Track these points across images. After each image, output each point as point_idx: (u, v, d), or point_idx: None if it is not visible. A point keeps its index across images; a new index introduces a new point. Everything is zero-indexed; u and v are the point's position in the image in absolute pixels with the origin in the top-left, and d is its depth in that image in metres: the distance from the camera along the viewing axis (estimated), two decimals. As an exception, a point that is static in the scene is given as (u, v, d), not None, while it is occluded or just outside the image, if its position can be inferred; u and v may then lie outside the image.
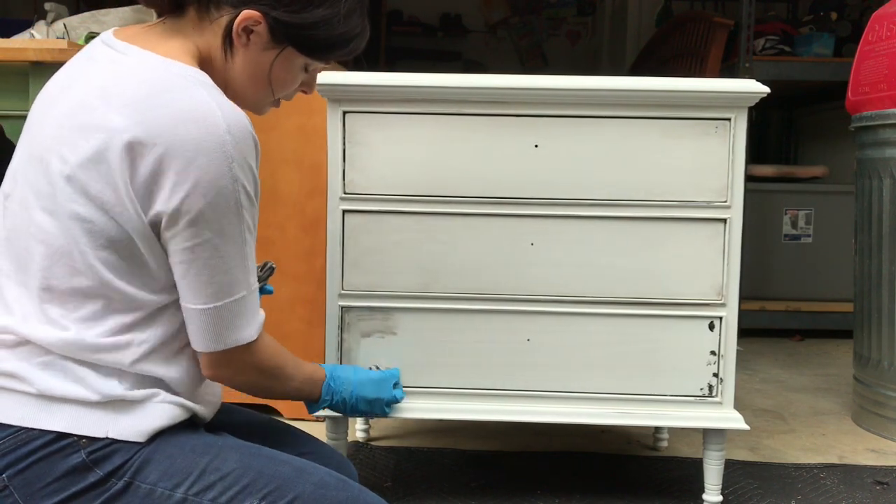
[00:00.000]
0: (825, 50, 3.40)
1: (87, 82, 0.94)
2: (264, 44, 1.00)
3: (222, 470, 0.92)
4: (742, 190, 1.48)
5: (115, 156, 0.88)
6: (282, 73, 1.03)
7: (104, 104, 0.90)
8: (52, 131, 0.93)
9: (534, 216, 1.49)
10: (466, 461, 1.85)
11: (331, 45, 1.03)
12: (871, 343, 2.16)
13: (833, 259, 3.37)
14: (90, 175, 0.89)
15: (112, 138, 0.88)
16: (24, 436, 0.88)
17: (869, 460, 1.94)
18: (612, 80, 1.47)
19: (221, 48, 0.99)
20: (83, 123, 0.90)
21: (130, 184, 0.88)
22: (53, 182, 0.90)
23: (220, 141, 0.89)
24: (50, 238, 0.91)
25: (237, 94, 1.04)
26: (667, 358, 1.50)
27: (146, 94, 0.90)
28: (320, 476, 0.96)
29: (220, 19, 0.98)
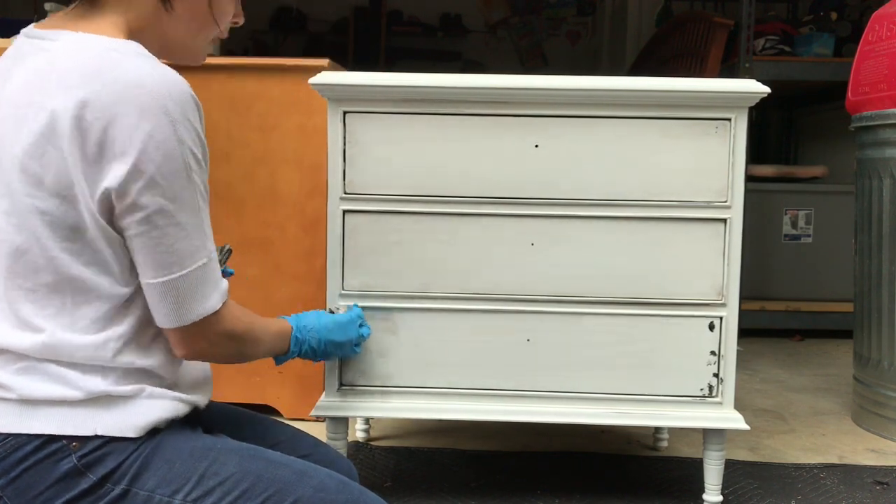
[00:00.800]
0: (825, 50, 3.40)
1: (20, 74, 0.92)
2: None
3: (221, 475, 0.91)
4: (742, 190, 1.48)
5: (62, 136, 0.86)
6: (219, 5, 1.03)
7: (42, 89, 0.88)
8: None
9: (534, 216, 1.49)
10: (466, 461, 1.85)
11: None
12: (871, 343, 2.16)
13: (833, 259, 3.37)
14: (41, 162, 0.87)
15: (56, 119, 0.86)
16: (12, 443, 0.86)
17: (869, 460, 1.94)
18: (612, 80, 1.47)
19: (155, 7, 0.97)
20: (24, 114, 0.88)
21: (81, 163, 0.86)
22: (5, 179, 0.89)
23: (161, 104, 0.87)
24: (9, 237, 0.89)
25: (177, 44, 1.02)
26: (667, 358, 1.50)
27: (83, 71, 0.88)
28: (320, 479, 0.95)
29: None
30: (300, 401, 2.04)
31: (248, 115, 1.99)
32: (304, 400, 2.01)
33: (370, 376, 1.52)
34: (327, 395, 1.52)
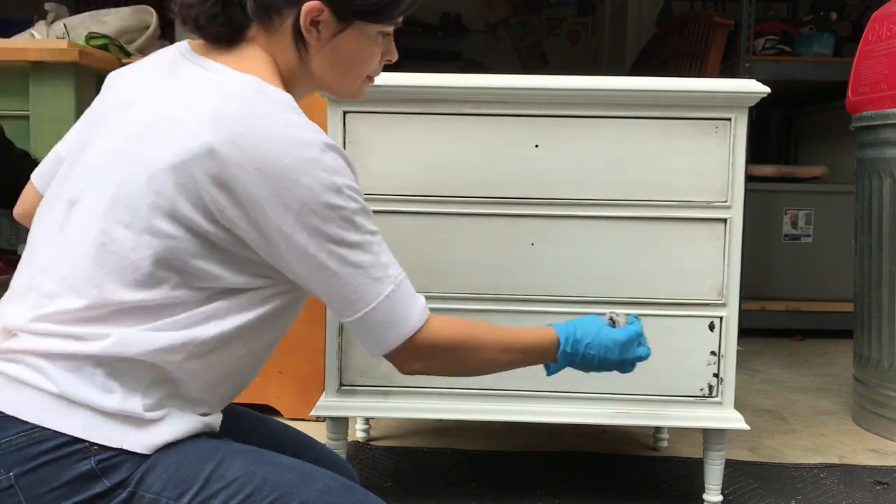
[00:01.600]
0: (825, 50, 3.40)
1: (177, 92, 0.94)
2: (333, 29, 1.00)
3: (226, 477, 0.91)
4: (742, 190, 1.48)
5: (220, 172, 0.89)
6: (360, 50, 1.04)
7: (195, 121, 0.90)
8: (134, 143, 0.93)
9: (534, 216, 1.49)
10: (466, 461, 1.85)
11: (390, 5, 1.03)
12: (871, 343, 2.16)
13: (833, 259, 3.37)
14: (178, 193, 0.89)
15: (202, 158, 0.89)
16: (37, 435, 0.87)
17: (869, 460, 1.94)
18: (612, 80, 1.47)
19: (294, 49, 1.00)
20: (171, 138, 0.90)
21: (234, 207, 0.89)
22: (135, 195, 0.90)
23: (318, 159, 0.91)
24: (122, 250, 0.90)
25: (327, 86, 1.06)
26: (667, 358, 1.50)
27: (239, 114, 0.90)
28: (325, 482, 0.95)
29: (284, 24, 0.99)
30: (300, 401, 2.04)
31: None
32: (304, 400, 2.01)
33: (370, 376, 1.52)
34: (327, 395, 1.52)
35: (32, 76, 1.71)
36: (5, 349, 0.91)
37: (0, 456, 0.86)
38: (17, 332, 0.91)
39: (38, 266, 0.94)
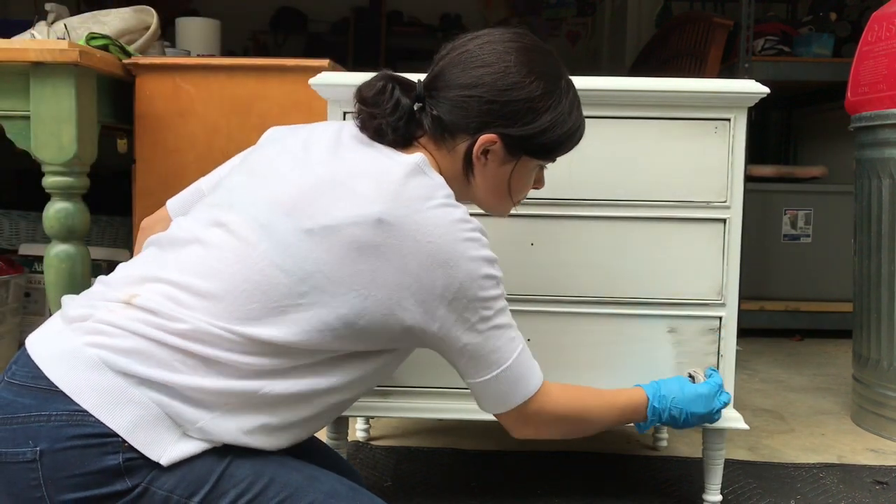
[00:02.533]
0: (824, 50, 3.40)
1: (352, 165, 1.02)
2: (501, 159, 1.10)
3: (236, 477, 0.92)
4: (742, 190, 1.48)
5: (374, 248, 0.96)
6: (520, 180, 1.14)
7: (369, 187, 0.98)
8: (306, 187, 0.99)
9: (534, 216, 1.49)
10: (466, 461, 1.85)
11: (560, 143, 1.13)
12: (870, 343, 2.16)
13: (832, 259, 3.37)
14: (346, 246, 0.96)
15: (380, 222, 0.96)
16: (79, 418, 0.87)
17: (868, 460, 1.94)
18: (612, 80, 1.47)
19: (462, 170, 1.10)
20: (347, 200, 0.97)
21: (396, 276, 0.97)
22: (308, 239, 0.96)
23: (476, 248, 1.01)
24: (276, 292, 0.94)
25: (479, 202, 1.16)
26: (667, 358, 1.50)
27: (418, 196, 0.99)
28: (331, 484, 0.96)
29: (456, 146, 1.08)
30: (300, 401, 2.04)
31: (248, 116, 1.99)
32: (305, 400, 2.01)
33: (370, 376, 1.52)
34: (327, 394, 1.52)
35: (32, 76, 1.71)
36: (112, 319, 0.92)
37: (34, 427, 0.86)
38: (144, 307, 0.92)
39: (175, 272, 0.96)
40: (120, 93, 1.97)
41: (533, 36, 1.13)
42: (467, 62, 1.08)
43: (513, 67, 1.07)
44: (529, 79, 1.07)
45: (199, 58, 2.40)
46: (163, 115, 1.97)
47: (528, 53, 1.09)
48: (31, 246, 2.56)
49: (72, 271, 1.77)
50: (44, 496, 0.86)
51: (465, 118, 1.07)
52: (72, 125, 1.72)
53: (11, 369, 0.91)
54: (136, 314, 0.92)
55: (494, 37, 1.10)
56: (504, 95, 1.06)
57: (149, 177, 1.98)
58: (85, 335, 0.91)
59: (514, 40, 1.10)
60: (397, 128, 1.06)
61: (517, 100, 1.07)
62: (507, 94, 1.06)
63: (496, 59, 1.07)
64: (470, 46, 1.09)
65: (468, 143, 1.08)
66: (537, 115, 1.08)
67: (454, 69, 1.08)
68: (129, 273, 0.98)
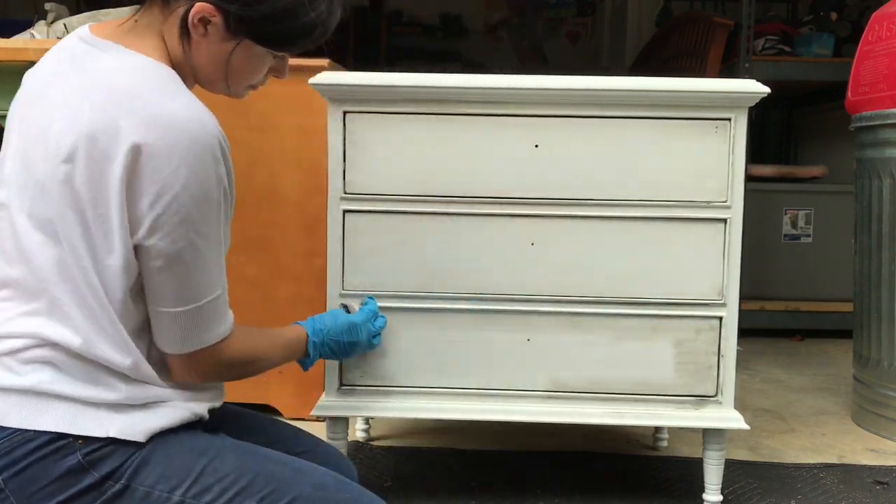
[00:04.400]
0: (825, 50, 3.40)
1: (71, 81, 0.93)
2: (221, 35, 0.97)
3: (220, 471, 0.91)
4: (742, 190, 1.48)
5: (105, 154, 0.88)
6: (243, 64, 1.01)
7: (89, 103, 0.89)
8: (36, 131, 0.92)
9: (534, 216, 1.49)
10: (466, 461, 1.85)
11: (291, 36, 1.00)
12: (870, 343, 2.16)
13: (833, 259, 3.37)
14: (82, 170, 0.88)
15: (99, 136, 0.88)
16: (19, 437, 0.87)
17: (869, 460, 1.94)
18: (612, 80, 1.47)
19: (178, 39, 0.96)
20: (69, 125, 0.89)
21: (119, 184, 0.88)
22: (47, 191, 0.90)
23: (207, 144, 0.90)
24: (48, 246, 0.90)
25: (205, 81, 1.03)
26: (666, 358, 1.50)
27: (133, 93, 0.90)
28: (319, 477, 0.95)
29: (177, 10, 0.95)
30: (300, 401, 2.04)
31: (247, 115, 1.99)
32: (304, 400, 2.01)
33: (370, 376, 1.52)
34: (327, 395, 1.52)
35: (32, 76, 1.71)
36: None
37: None
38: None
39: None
40: (120, 93, 1.96)
41: None
42: None
43: None
44: None
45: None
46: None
47: None
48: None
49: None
50: None
51: None
52: (71, 125, 1.72)
53: None
54: None
55: None
56: None
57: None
58: None
59: None
60: None
61: None
62: None
63: None
64: None
65: (185, 7, 0.94)
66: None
67: None
68: None
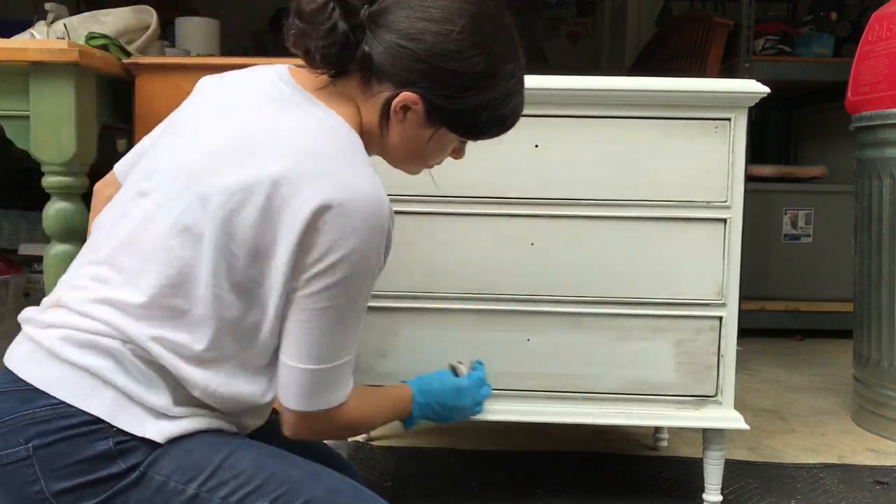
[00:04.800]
0: (825, 50, 3.40)
1: (268, 119, 0.96)
2: (420, 122, 1.01)
3: (236, 468, 0.91)
4: (742, 190, 1.48)
5: (282, 205, 0.90)
6: (434, 149, 1.07)
7: (284, 149, 0.92)
8: (213, 147, 0.95)
9: (534, 216, 1.49)
10: (466, 461, 1.85)
11: (488, 126, 1.06)
12: (870, 343, 2.16)
13: (833, 259, 3.37)
14: (250, 213, 0.91)
15: (278, 184, 0.90)
16: (62, 410, 0.88)
17: (869, 460, 1.94)
18: (612, 80, 1.47)
19: (378, 121, 1.01)
20: (250, 157, 0.92)
21: (289, 238, 0.91)
22: (208, 208, 0.92)
23: (381, 218, 0.93)
24: (184, 257, 0.92)
25: (393, 159, 1.08)
26: (666, 358, 1.50)
27: (329, 155, 0.93)
28: (332, 481, 0.96)
29: (380, 94, 1.00)
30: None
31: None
32: (305, 400, 2.01)
33: (370, 376, 1.52)
34: (327, 395, 1.52)
35: (32, 76, 1.71)
36: (51, 320, 0.92)
37: (22, 427, 0.87)
38: (68, 306, 0.93)
39: (106, 250, 0.96)
40: (120, 93, 1.96)
41: (499, 4, 1.03)
42: (415, 9, 0.97)
43: (458, 34, 0.97)
44: (473, 52, 0.98)
45: (199, 58, 2.39)
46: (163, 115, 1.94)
47: (481, 22, 0.99)
48: (31, 246, 2.56)
49: (71, 271, 1.77)
50: (42, 489, 0.87)
51: (394, 67, 0.97)
52: (71, 125, 1.72)
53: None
54: (69, 313, 0.93)
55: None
56: (439, 60, 0.96)
57: (149, 177, 1.97)
58: (43, 332, 0.92)
59: (473, 3, 1.00)
60: (327, 55, 0.98)
61: (451, 70, 0.97)
62: (443, 61, 0.97)
63: (444, 18, 0.97)
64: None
65: (390, 94, 0.98)
66: (468, 91, 0.99)
67: (400, 11, 0.97)
68: (74, 265, 1.00)
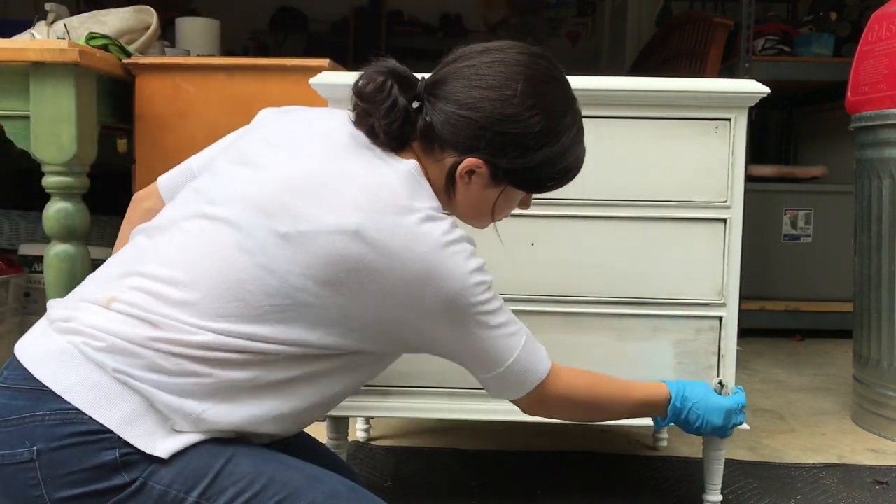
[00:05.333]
0: (825, 50, 3.40)
1: (347, 165, 0.98)
2: (486, 183, 1.06)
3: (235, 475, 0.91)
4: (742, 190, 1.48)
5: (356, 262, 0.93)
6: (502, 206, 1.11)
7: (364, 199, 0.95)
8: (289, 184, 0.96)
9: (534, 216, 1.49)
10: (466, 461, 1.85)
11: (552, 180, 1.10)
12: (870, 343, 2.16)
13: (833, 259, 3.37)
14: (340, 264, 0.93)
15: (354, 243, 0.93)
16: (73, 416, 0.87)
17: (868, 460, 1.94)
18: (612, 80, 1.47)
19: (444, 185, 1.06)
20: (330, 204, 0.94)
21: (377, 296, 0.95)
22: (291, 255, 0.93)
23: (462, 259, 0.98)
24: (254, 284, 0.93)
25: (460, 215, 1.13)
26: (666, 358, 1.50)
27: (402, 209, 0.95)
28: (332, 485, 0.96)
29: (443, 158, 1.04)
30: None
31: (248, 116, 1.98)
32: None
33: (370, 376, 1.51)
34: (327, 395, 1.52)
35: (32, 76, 1.71)
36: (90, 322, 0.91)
37: (29, 428, 0.87)
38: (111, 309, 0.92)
39: (155, 263, 0.95)
40: (120, 93, 1.97)
41: (550, 60, 1.07)
42: (471, 78, 1.02)
43: (516, 98, 1.01)
44: (531, 112, 1.02)
45: (199, 58, 2.39)
46: (163, 115, 1.97)
47: (536, 84, 1.03)
48: (31, 246, 2.56)
49: (72, 271, 1.77)
50: (42, 494, 0.87)
51: (455, 136, 1.02)
52: (71, 125, 1.72)
53: (3, 374, 0.92)
54: (115, 317, 0.92)
55: (507, 55, 1.04)
56: (499, 126, 1.01)
57: (149, 177, 1.97)
58: (70, 335, 0.91)
59: (526, 65, 1.04)
60: (390, 131, 1.02)
61: (512, 132, 1.01)
62: (503, 125, 1.01)
63: (501, 84, 1.01)
64: (478, 61, 1.03)
65: (454, 160, 1.03)
66: (530, 151, 1.03)
67: (456, 82, 1.03)
68: (112, 270, 0.98)
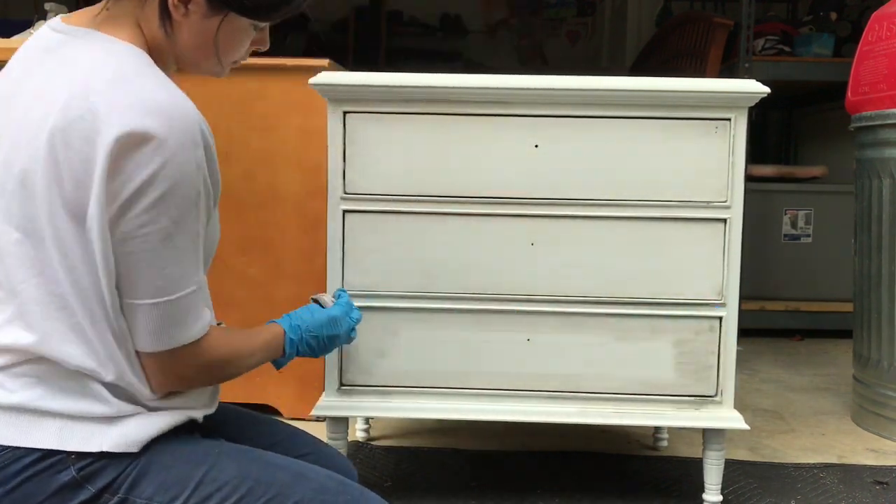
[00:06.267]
0: (825, 50, 3.40)
1: (48, 69, 0.91)
2: (204, 12, 0.95)
3: (219, 480, 0.90)
4: (742, 190, 1.48)
5: (82, 138, 0.85)
6: (229, 39, 0.99)
7: (68, 90, 0.87)
8: (15, 127, 0.89)
9: (534, 216, 1.49)
10: (466, 461, 1.85)
11: (275, 4, 0.99)
12: (870, 343, 2.16)
13: (833, 259, 3.37)
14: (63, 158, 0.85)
15: (75, 121, 0.85)
16: (9, 455, 0.85)
17: (868, 460, 1.94)
18: (612, 80, 1.47)
19: (160, 25, 0.94)
20: (47, 113, 0.87)
21: (98, 168, 0.85)
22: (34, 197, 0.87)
23: (188, 130, 0.88)
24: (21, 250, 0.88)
25: (190, 64, 1.01)
26: (666, 358, 1.50)
27: (114, 79, 0.87)
28: (320, 480, 0.95)
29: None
30: (300, 401, 2.04)
31: (248, 116, 1.99)
32: (305, 400, 2.01)
33: (370, 376, 1.52)
34: (327, 395, 1.52)
35: (32, 76, 1.71)
36: None
37: None
38: None
39: None
40: (120, 93, 1.96)
41: None
42: None
43: None
44: None
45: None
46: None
47: None
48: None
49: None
50: None
51: None
52: (72, 125, 1.72)
53: None
54: None
55: None
56: None
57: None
58: None
59: None
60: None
61: None
62: None
63: None
64: None
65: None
66: None
67: None
68: None
